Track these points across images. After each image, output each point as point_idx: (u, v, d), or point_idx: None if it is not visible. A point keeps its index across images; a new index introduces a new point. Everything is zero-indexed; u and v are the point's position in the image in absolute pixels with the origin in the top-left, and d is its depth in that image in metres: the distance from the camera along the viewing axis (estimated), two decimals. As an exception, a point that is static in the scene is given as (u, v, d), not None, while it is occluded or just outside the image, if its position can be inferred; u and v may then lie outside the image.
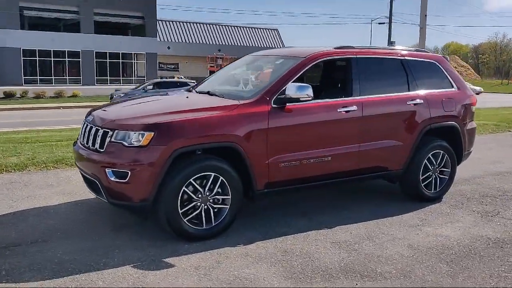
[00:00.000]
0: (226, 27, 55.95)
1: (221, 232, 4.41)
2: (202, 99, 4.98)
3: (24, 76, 39.60)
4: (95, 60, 42.86)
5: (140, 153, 4.06)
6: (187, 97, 5.14)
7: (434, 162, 5.64)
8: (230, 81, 5.55)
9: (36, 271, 3.64)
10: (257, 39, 58.03)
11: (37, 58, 40.51)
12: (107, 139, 4.21)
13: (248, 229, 4.64)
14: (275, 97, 4.59)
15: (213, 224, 4.35)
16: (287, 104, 4.60)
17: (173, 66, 50.38)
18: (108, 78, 43.62)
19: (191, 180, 4.17)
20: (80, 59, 42.06)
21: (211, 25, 54.30)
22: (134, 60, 46.08)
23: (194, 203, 4.24)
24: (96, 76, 42.97)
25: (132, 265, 3.79)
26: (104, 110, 4.79)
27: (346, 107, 4.96)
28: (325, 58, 5.13)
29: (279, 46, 58.16)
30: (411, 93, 5.46)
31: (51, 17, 41.32)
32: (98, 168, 4.21)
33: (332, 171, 4.98)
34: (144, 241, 4.28)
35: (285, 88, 4.56)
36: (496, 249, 4.28)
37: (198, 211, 4.26)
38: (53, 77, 41.19)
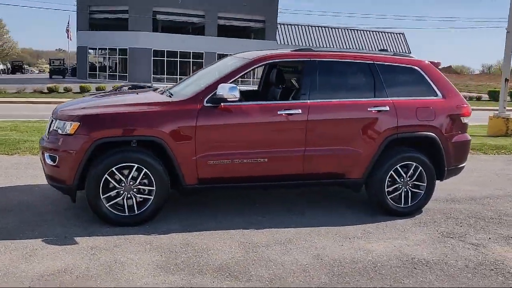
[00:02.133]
0: (349, 30, 55.22)
1: (145, 220, 4.68)
2: (146, 97, 5.32)
3: (153, 75, 43.44)
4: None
5: (67, 141, 4.52)
6: (137, 94, 5.51)
7: (404, 175, 5.26)
8: (199, 82, 5.75)
9: (-33, 234, 4.29)
10: (381, 43, 56.32)
11: (165, 58, 44.21)
12: (51, 128, 4.77)
13: (177, 221, 4.86)
14: (208, 96, 4.74)
15: (136, 213, 4.64)
16: (222, 104, 4.72)
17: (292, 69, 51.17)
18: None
19: (113, 169, 4.52)
20: (203, 60, 44.88)
21: (332, 29, 54.04)
22: (253, 62, 47.73)
23: (117, 190, 4.58)
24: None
25: (43, 239, 4.26)
26: (63, 104, 5.36)
27: (288, 109, 4.91)
28: (272, 61, 5.14)
29: (404, 51, 55.84)
30: (375, 99, 5.17)
31: (180, 21, 44.74)
32: (42, 152, 4.79)
33: (271, 173, 4.95)
34: (76, 221, 4.74)
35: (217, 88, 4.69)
36: (404, 269, 3.94)
37: (120, 198, 4.60)
38: (178, 76, 44.54)
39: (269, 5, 46.07)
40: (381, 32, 56.84)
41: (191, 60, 45.20)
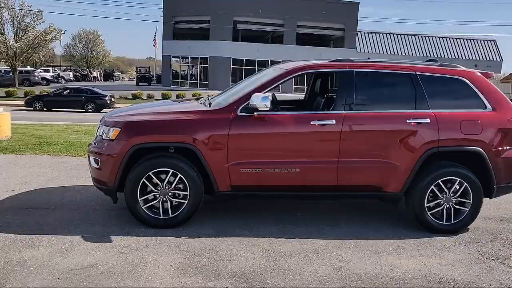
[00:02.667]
0: (435, 38, 53.00)
1: (178, 224, 4.87)
2: (187, 106, 5.51)
3: (232, 83, 44.45)
4: (295, 69, 45.56)
5: (109, 145, 4.84)
6: (178, 103, 5.72)
7: (447, 190, 5.02)
8: (241, 91, 5.85)
9: (18, 226, 4.73)
10: (470, 51, 53.46)
11: (244, 67, 45.09)
12: (97, 133, 5.12)
13: (211, 226, 4.99)
14: (242, 106, 4.85)
15: (170, 216, 4.85)
16: (255, 113, 4.81)
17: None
18: (305, 87, 45.83)
19: (150, 173, 4.76)
20: (281, 69, 45.19)
21: (417, 36, 52.16)
22: (331, 70, 47.26)
23: (154, 194, 4.81)
24: (294, 85, 45.60)
25: (82, 236, 4.58)
26: (114, 111, 5.71)
27: (321, 120, 4.88)
28: (308, 71, 5.14)
29: (496, 59, 52.72)
30: (415, 111, 5.00)
31: (259, 30, 45.52)
32: (88, 156, 5.15)
33: (303, 183, 4.95)
34: (116, 221, 5.03)
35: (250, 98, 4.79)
36: (427, 289, 3.78)
37: (156, 201, 4.83)
38: (256, 84, 45.22)
39: (349, 13, 45.57)
40: (471, 39, 53.96)
41: (269, 68, 45.74)
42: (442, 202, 5.06)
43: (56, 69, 63.27)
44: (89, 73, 67.36)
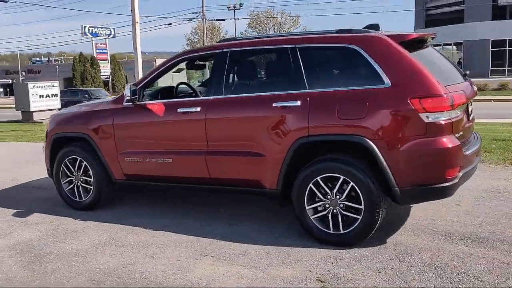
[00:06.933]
0: None
1: (87, 208, 5.30)
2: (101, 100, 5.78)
3: (490, 67, 39.25)
4: None
5: (45, 135, 5.65)
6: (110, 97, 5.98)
7: (329, 191, 3.95)
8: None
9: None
10: None
11: (507, 48, 39.01)
12: None
13: (120, 213, 5.22)
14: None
15: (83, 199, 5.32)
16: (136, 102, 4.85)
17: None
18: None
19: (65, 160, 5.35)
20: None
21: None
22: None
23: (70, 179, 5.39)
24: None
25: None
26: None
27: (186, 107, 4.54)
28: (187, 56, 4.80)
29: None
30: (284, 92, 4.09)
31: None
32: None
33: (178, 175, 4.70)
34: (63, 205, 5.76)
35: (129, 89, 4.85)
36: None
37: (71, 186, 5.39)
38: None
39: None
40: None
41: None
42: (327, 206, 4.01)
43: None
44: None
